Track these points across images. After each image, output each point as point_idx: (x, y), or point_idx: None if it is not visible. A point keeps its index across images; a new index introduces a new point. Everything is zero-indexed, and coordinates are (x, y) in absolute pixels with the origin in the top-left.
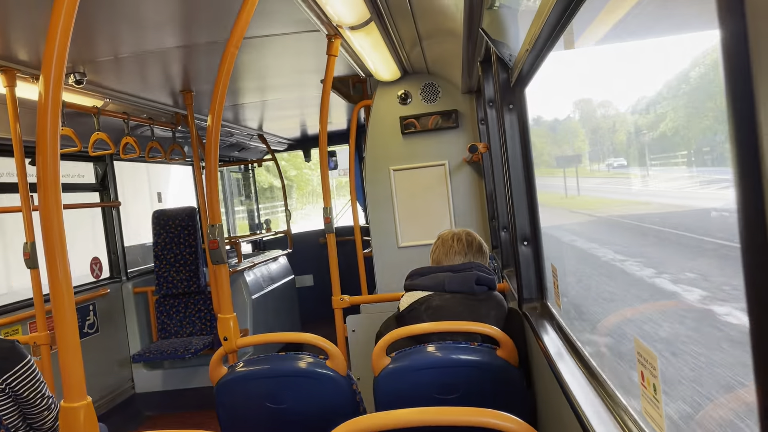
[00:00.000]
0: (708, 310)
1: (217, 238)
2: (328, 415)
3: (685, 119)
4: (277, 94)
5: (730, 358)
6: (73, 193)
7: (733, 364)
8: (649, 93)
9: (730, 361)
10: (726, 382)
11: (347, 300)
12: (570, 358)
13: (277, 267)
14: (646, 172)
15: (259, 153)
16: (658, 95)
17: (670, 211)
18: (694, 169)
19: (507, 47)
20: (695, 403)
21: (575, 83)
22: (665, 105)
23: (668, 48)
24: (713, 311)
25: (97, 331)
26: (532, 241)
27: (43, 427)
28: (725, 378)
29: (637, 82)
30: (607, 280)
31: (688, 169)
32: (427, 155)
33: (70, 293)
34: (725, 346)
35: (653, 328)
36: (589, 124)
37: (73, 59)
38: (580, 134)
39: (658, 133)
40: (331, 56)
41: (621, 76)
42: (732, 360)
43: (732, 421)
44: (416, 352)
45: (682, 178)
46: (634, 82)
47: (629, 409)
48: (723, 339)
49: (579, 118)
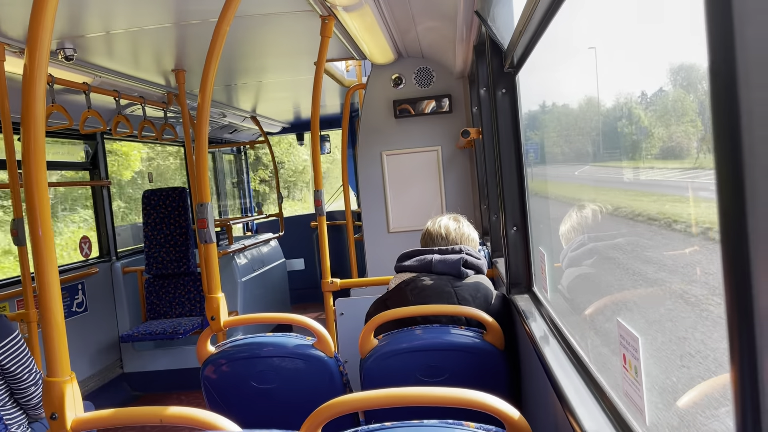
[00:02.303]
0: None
1: (206, 217)
2: (314, 396)
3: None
4: (270, 76)
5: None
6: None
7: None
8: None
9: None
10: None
11: (337, 283)
12: (556, 343)
13: (268, 250)
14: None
15: (251, 135)
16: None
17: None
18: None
19: (500, 31)
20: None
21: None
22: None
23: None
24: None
25: (85, 310)
26: (521, 226)
27: (30, 403)
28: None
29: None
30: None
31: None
32: (420, 140)
33: (53, 263)
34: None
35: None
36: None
37: (62, 35)
38: (689, 112)
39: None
40: (324, 38)
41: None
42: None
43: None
44: (403, 335)
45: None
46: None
47: (612, 393)
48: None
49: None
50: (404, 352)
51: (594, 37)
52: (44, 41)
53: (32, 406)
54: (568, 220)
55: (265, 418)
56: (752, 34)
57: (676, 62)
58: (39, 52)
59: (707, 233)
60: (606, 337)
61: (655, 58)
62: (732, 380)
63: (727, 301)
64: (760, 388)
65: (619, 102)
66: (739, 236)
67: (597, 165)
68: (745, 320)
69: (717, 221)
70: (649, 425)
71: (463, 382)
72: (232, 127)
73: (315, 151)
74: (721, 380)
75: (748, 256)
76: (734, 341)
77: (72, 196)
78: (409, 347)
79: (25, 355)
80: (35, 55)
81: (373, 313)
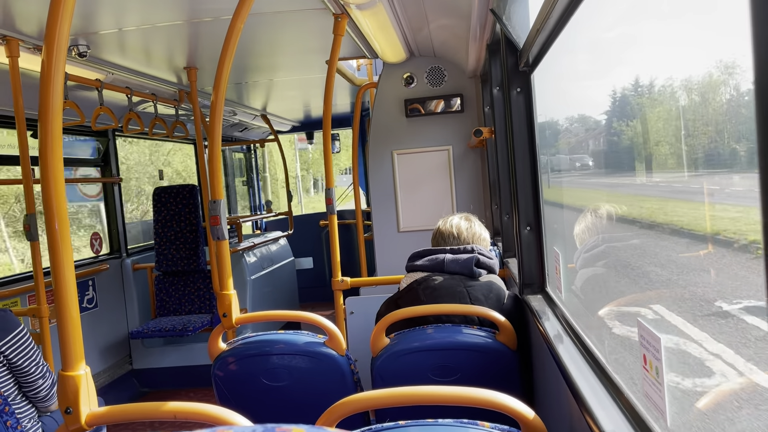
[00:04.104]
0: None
1: (219, 214)
2: (325, 394)
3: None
4: (282, 74)
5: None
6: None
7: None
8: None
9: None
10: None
11: (347, 282)
12: (570, 343)
13: (277, 248)
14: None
15: (261, 134)
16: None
17: None
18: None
19: (516, 29)
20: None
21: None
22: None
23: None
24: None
25: (96, 306)
26: (535, 226)
27: (38, 396)
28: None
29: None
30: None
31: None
32: (431, 139)
33: (69, 257)
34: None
35: None
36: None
37: (76, 32)
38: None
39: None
40: (337, 36)
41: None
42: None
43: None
44: (415, 334)
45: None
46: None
47: (629, 393)
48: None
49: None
50: (416, 351)
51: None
52: (62, 37)
53: (40, 398)
54: (582, 221)
55: (276, 416)
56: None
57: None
58: (57, 49)
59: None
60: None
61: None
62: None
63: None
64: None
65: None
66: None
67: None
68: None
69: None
70: (671, 426)
71: (475, 382)
72: (243, 125)
73: (327, 150)
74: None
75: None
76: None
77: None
78: (421, 346)
79: (32, 348)
80: (53, 51)
81: (384, 313)
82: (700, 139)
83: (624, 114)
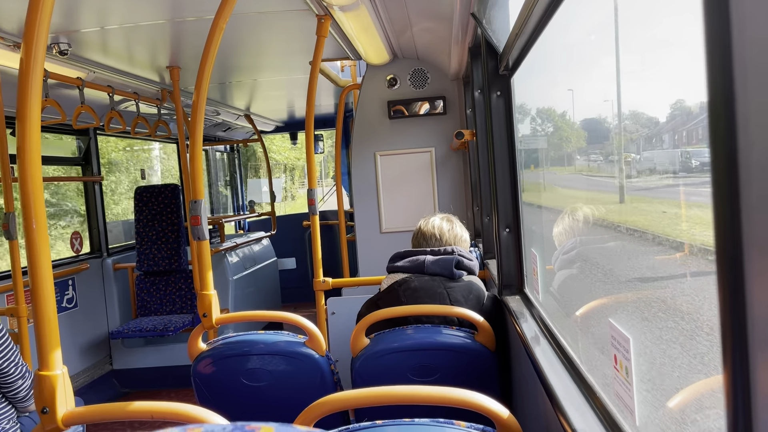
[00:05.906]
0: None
1: (199, 214)
2: (305, 394)
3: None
4: (265, 75)
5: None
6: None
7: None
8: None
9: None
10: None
11: (329, 282)
12: (547, 344)
13: (259, 249)
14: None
15: (245, 134)
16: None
17: None
18: None
19: (496, 33)
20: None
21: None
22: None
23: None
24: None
25: (76, 306)
26: (514, 228)
27: (17, 396)
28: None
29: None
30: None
31: None
32: (414, 141)
33: (47, 257)
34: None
35: None
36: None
37: (57, 29)
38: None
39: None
40: (320, 37)
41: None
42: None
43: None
44: (394, 335)
45: None
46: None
47: (602, 394)
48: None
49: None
50: (395, 351)
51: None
52: (41, 35)
53: (19, 399)
54: (560, 223)
55: (255, 416)
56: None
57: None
58: (35, 46)
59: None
60: (598, 339)
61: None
62: (724, 383)
63: (720, 307)
64: (751, 393)
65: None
66: (733, 242)
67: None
68: (738, 325)
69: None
70: (639, 425)
71: (454, 382)
72: (226, 125)
73: (309, 150)
74: (711, 382)
75: (741, 263)
76: (727, 346)
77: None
78: (400, 347)
79: (10, 348)
80: (31, 49)
81: (365, 314)
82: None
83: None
